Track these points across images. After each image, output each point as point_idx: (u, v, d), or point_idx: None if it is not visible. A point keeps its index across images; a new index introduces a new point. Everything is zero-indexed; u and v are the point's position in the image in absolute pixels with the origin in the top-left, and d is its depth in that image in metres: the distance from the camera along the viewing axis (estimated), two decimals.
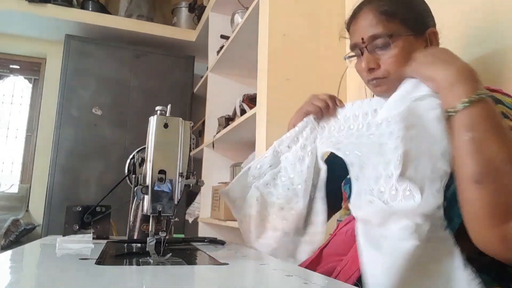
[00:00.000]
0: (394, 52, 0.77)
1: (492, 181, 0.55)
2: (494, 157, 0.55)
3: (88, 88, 2.50)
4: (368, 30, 0.79)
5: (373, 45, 0.79)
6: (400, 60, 0.76)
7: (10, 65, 3.05)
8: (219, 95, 2.30)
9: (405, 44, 0.77)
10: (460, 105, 0.58)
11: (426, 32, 0.80)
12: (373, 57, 0.79)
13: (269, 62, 1.38)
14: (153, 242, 0.64)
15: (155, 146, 0.65)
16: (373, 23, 0.78)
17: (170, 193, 0.65)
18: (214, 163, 2.20)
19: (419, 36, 0.79)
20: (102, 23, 2.62)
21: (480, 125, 0.57)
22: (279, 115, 1.35)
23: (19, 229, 2.49)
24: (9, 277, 0.51)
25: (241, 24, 1.73)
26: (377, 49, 0.79)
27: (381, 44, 0.77)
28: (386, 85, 0.79)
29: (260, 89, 1.43)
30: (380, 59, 0.79)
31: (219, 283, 0.54)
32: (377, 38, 0.78)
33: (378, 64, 0.79)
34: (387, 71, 0.78)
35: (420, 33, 0.79)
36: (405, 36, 0.77)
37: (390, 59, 0.77)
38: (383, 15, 0.77)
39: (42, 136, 2.83)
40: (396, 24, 0.77)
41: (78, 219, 0.99)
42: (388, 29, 0.77)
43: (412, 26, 0.78)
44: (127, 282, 0.51)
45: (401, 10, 0.78)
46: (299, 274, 0.56)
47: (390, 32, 0.76)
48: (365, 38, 0.79)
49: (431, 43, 0.80)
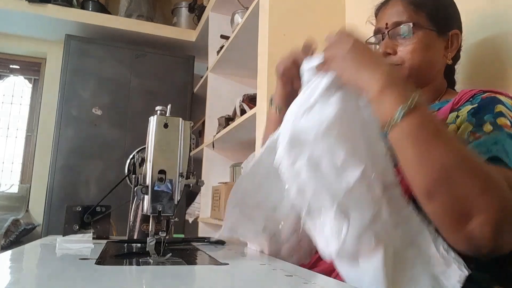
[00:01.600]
0: (414, 42, 0.77)
1: (444, 191, 0.51)
2: (440, 167, 0.51)
3: (88, 88, 2.50)
4: (393, 16, 0.80)
5: (395, 31, 0.80)
6: (417, 51, 0.77)
7: (10, 65, 3.05)
8: (219, 95, 2.30)
9: (426, 37, 0.78)
10: (396, 117, 0.53)
11: (449, 32, 0.80)
12: (392, 43, 0.80)
13: (269, 62, 1.38)
14: (153, 242, 0.64)
15: (155, 146, 0.65)
16: (400, 10, 0.79)
17: (170, 193, 0.65)
18: (214, 163, 2.20)
19: (442, 35, 0.80)
20: (102, 23, 2.62)
21: (420, 135, 0.53)
22: None
23: (19, 229, 2.49)
24: (9, 277, 0.51)
25: (241, 24, 1.73)
26: (398, 36, 0.79)
27: (403, 31, 0.78)
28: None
29: (260, 89, 1.43)
30: (398, 46, 0.79)
31: (219, 283, 0.54)
32: (400, 25, 0.78)
33: (395, 50, 0.79)
34: (402, 59, 0.78)
35: (443, 32, 0.80)
36: (428, 29, 0.78)
37: (408, 48, 0.78)
38: (411, 5, 0.79)
39: (42, 136, 2.83)
40: (421, 16, 0.78)
41: (78, 219, 0.99)
42: (413, 19, 0.78)
43: (437, 23, 0.79)
44: (127, 282, 0.51)
45: (430, 3, 0.79)
46: (299, 274, 0.56)
47: (414, 22, 0.77)
48: (389, 24, 0.80)
49: (451, 44, 0.81)
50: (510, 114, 0.66)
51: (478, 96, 0.72)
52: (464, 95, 0.74)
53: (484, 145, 0.62)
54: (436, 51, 0.80)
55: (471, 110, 0.69)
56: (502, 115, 0.65)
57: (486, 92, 0.72)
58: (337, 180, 0.54)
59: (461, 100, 0.73)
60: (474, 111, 0.68)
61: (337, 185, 0.54)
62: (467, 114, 0.69)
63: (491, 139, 0.62)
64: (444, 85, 0.85)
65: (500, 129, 0.63)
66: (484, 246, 0.51)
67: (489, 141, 0.62)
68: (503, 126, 0.63)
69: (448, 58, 0.81)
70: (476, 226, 0.50)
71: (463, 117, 0.69)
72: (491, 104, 0.67)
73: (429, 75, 0.81)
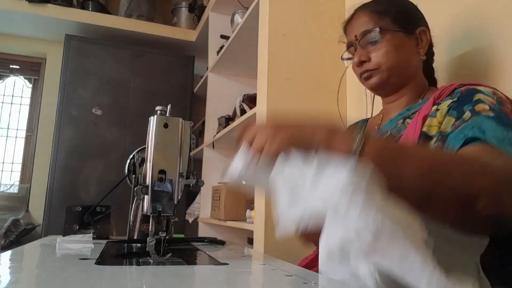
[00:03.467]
0: (384, 45, 0.81)
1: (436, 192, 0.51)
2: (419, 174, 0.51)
3: (88, 88, 2.50)
4: (361, 27, 0.84)
5: (365, 40, 0.83)
6: (389, 53, 0.81)
7: (10, 65, 3.05)
8: (219, 95, 2.30)
9: (395, 38, 0.81)
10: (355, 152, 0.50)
11: (416, 30, 0.84)
12: (365, 51, 0.83)
13: (269, 62, 1.38)
14: (153, 242, 0.64)
15: (155, 146, 0.65)
16: (365, 20, 0.84)
17: (170, 193, 0.65)
18: (214, 163, 2.20)
19: (409, 34, 0.83)
20: (102, 23, 2.62)
21: (385, 158, 0.51)
22: (279, 115, 1.35)
23: (19, 229, 2.49)
24: (9, 277, 0.51)
25: (241, 24, 1.73)
26: (368, 44, 0.83)
27: (372, 38, 0.82)
28: (377, 77, 0.83)
29: (260, 89, 1.43)
30: (371, 53, 0.82)
31: (219, 283, 0.54)
32: (368, 33, 0.82)
33: (369, 57, 0.83)
34: (377, 63, 0.82)
35: (410, 31, 0.83)
36: (394, 31, 0.82)
37: (380, 52, 0.81)
38: (375, 14, 0.83)
39: (42, 136, 2.83)
40: (386, 21, 0.82)
41: (78, 219, 0.99)
42: (378, 25, 0.82)
43: (402, 24, 0.82)
44: (127, 282, 0.51)
45: (391, 9, 0.83)
46: (299, 274, 0.56)
47: (380, 27, 0.81)
48: (357, 35, 0.84)
49: (421, 41, 0.84)
50: (488, 99, 0.67)
51: (458, 90, 0.73)
52: (445, 89, 0.76)
53: (462, 131, 0.63)
54: (408, 50, 0.83)
55: (452, 104, 0.71)
56: (481, 102, 0.66)
57: (466, 85, 0.73)
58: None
59: (442, 95, 0.75)
60: (455, 105, 0.70)
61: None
62: (447, 108, 0.71)
63: (469, 125, 0.63)
64: (425, 83, 0.87)
65: (478, 114, 0.64)
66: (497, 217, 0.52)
67: (467, 127, 0.63)
68: (481, 111, 0.65)
69: (421, 54, 0.84)
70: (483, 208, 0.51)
71: (443, 110, 0.71)
72: (470, 95, 0.69)
73: (407, 73, 0.83)
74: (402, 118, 0.82)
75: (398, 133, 0.79)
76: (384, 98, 0.91)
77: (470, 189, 0.51)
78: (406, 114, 0.82)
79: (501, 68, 0.89)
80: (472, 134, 0.61)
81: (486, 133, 0.60)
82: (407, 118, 0.81)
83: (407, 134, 0.73)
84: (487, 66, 0.93)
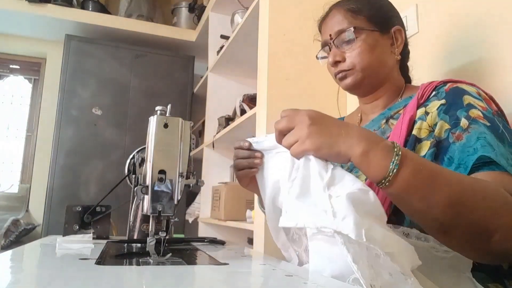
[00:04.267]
0: (359, 45, 0.80)
1: (459, 223, 0.53)
2: (448, 203, 0.52)
3: (88, 88, 2.50)
4: (335, 26, 0.83)
5: (339, 40, 0.82)
6: (364, 52, 0.80)
7: (10, 65, 3.05)
8: (219, 95, 2.30)
9: (369, 38, 0.80)
10: (390, 173, 0.52)
11: (391, 29, 0.83)
12: (339, 51, 0.82)
13: (269, 62, 1.38)
14: (153, 242, 0.64)
15: (155, 146, 0.65)
16: (340, 19, 0.82)
17: (170, 193, 0.65)
18: (214, 163, 2.20)
19: (384, 33, 0.82)
20: (102, 23, 2.62)
21: (419, 180, 0.53)
22: (279, 115, 1.35)
23: (19, 229, 2.49)
24: (9, 277, 0.51)
25: (241, 24, 1.73)
26: (343, 44, 0.82)
27: (347, 37, 0.81)
28: (352, 78, 0.82)
29: (260, 89, 1.43)
30: (346, 53, 0.81)
31: (219, 283, 0.54)
32: (342, 33, 0.81)
33: (344, 57, 0.82)
34: (352, 64, 0.81)
35: (385, 30, 0.82)
36: (369, 30, 0.81)
37: (355, 52, 0.80)
38: (349, 12, 0.82)
39: (42, 136, 2.83)
40: (361, 20, 0.81)
41: (78, 219, 0.99)
42: (353, 24, 0.81)
43: (377, 23, 0.81)
44: (127, 282, 0.51)
45: (366, 7, 0.82)
46: (299, 274, 0.56)
47: (355, 26, 0.80)
48: (332, 34, 0.83)
49: (396, 40, 0.83)
50: (478, 103, 0.67)
51: (441, 88, 0.73)
52: (426, 88, 0.76)
53: (469, 144, 0.63)
54: (383, 49, 0.82)
55: (441, 107, 0.70)
56: (473, 107, 0.67)
57: (447, 83, 0.73)
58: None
59: (425, 94, 0.75)
60: (445, 108, 0.70)
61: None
62: (437, 111, 0.70)
63: (472, 136, 0.63)
64: (402, 82, 0.87)
65: (476, 122, 0.65)
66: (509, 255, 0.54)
67: (472, 139, 0.63)
68: (477, 119, 0.65)
69: (396, 54, 0.83)
70: (497, 243, 0.53)
71: (433, 114, 0.71)
72: (458, 97, 0.69)
73: (382, 73, 0.83)
74: (384, 118, 0.81)
75: (383, 134, 0.78)
76: (361, 98, 0.90)
77: (490, 225, 0.53)
78: (388, 114, 0.81)
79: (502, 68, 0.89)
80: (483, 152, 0.61)
81: (494, 149, 0.61)
82: (391, 119, 0.80)
83: (393, 136, 0.73)
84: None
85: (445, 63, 1.04)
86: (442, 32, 1.06)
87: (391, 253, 0.49)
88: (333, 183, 0.54)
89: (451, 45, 1.03)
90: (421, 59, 1.11)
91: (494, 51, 0.92)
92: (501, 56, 0.90)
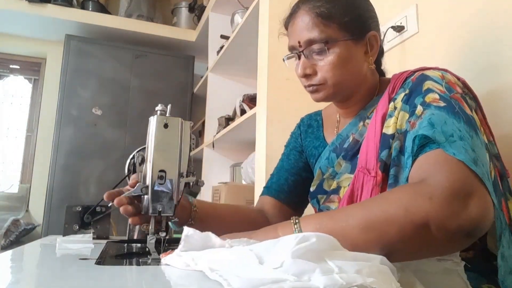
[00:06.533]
0: (331, 59, 0.73)
1: (380, 248, 0.51)
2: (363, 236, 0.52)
3: (88, 88, 2.50)
4: (304, 33, 0.75)
5: (309, 50, 0.75)
6: (336, 67, 0.73)
7: (10, 65, 3.05)
8: (219, 95, 2.30)
9: (342, 49, 0.73)
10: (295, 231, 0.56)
11: (366, 35, 0.76)
12: (310, 62, 0.76)
13: (269, 62, 1.38)
14: (153, 239, 0.64)
15: (155, 146, 0.65)
16: (309, 26, 0.74)
17: (170, 193, 0.65)
18: (214, 163, 2.20)
19: (359, 40, 0.75)
20: (102, 23, 2.63)
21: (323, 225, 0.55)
22: (279, 115, 1.35)
23: (19, 229, 2.49)
24: (9, 277, 0.51)
25: (241, 24, 1.73)
26: (314, 54, 0.75)
27: (317, 49, 0.74)
28: (323, 93, 0.76)
29: (260, 89, 1.43)
30: (317, 65, 0.75)
31: (219, 283, 0.53)
32: (313, 43, 0.74)
33: (315, 70, 0.75)
34: (324, 78, 0.75)
35: (359, 37, 0.75)
36: (342, 41, 0.73)
37: (327, 66, 0.74)
38: (319, 17, 0.73)
39: (42, 136, 2.83)
40: (332, 28, 0.73)
41: (78, 219, 0.99)
42: (324, 34, 0.73)
43: (351, 30, 0.74)
44: (127, 282, 0.51)
45: (339, 12, 0.74)
46: None
47: (326, 38, 0.73)
48: (301, 42, 0.75)
49: (371, 47, 0.76)
50: (437, 87, 0.64)
51: (409, 79, 0.70)
52: (396, 80, 0.73)
53: (416, 131, 0.60)
54: (356, 61, 0.76)
55: (404, 98, 0.68)
56: (430, 91, 0.63)
57: (415, 72, 0.70)
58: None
59: (396, 87, 0.72)
60: (405, 98, 0.67)
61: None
62: (401, 102, 0.68)
63: (423, 121, 0.60)
64: (376, 79, 0.82)
65: (429, 106, 0.62)
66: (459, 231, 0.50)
67: (420, 124, 0.60)
68: (431, 103, 0.62)
69: (370, 62, 0.77)
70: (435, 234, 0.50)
71: (399, 107, 0.68)
72: (419, 85, 0.66)
73: (355, 84, 0.77)
74: (361, 120, 0.78)
75: (361, 136, 0.75)
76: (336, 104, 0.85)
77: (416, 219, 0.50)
78: (364, 115, 0.78)
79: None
80: (422, 132, 0.58)
81: (435, 127, 0.57)
82: (367, 119, 0.77)
83: (367, 138, 0.71)
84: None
85: (445, 63, 1.04)
86: (442, 32, 1.06)
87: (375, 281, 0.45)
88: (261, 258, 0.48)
89: (451, 45, 1.03)
90: (421, 59, 1.11)
91: (494, 51, 0.91)
92: (501, 56, 0.89)
